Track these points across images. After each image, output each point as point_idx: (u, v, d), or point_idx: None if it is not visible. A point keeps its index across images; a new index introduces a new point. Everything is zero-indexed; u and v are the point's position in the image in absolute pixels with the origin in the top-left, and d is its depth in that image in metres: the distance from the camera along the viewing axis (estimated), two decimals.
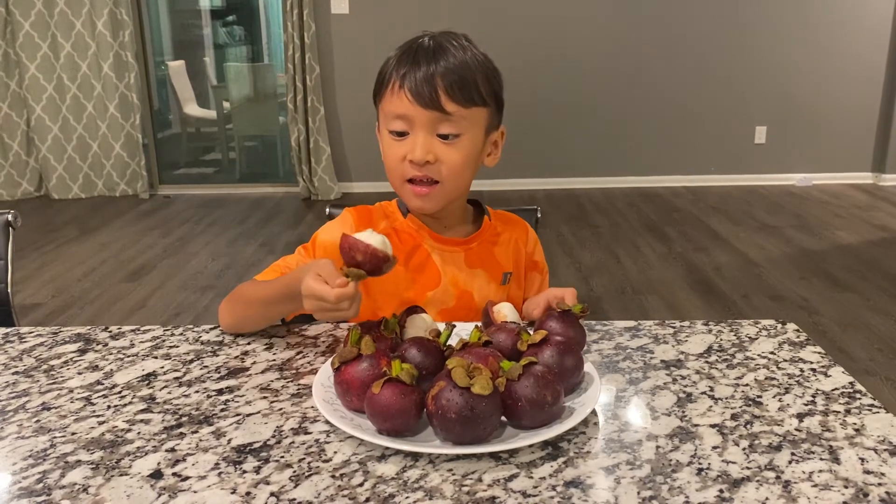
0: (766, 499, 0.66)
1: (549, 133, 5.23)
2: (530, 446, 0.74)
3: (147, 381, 0.91)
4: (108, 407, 0.85)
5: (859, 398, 0.84)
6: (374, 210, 1.18)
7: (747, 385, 0.87)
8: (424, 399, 0.74)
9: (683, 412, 0.81)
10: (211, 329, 1.07)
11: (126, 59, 5.02)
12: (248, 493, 0.68)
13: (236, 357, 0.98)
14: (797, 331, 1.03)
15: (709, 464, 0.71)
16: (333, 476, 0.70)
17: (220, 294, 1.06)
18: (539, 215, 1.39)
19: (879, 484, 0.68)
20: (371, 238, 0.86)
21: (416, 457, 0.73)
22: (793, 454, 0.73)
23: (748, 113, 5.24)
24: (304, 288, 0.88)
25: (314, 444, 0.76)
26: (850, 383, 0.88)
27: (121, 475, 0.71)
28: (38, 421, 0.82)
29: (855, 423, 0.78)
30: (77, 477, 0.71)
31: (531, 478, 0.69)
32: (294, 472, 0.71)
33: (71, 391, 0.89)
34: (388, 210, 1.18)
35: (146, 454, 0.75)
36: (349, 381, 0.79)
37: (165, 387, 0.89)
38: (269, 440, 0.77)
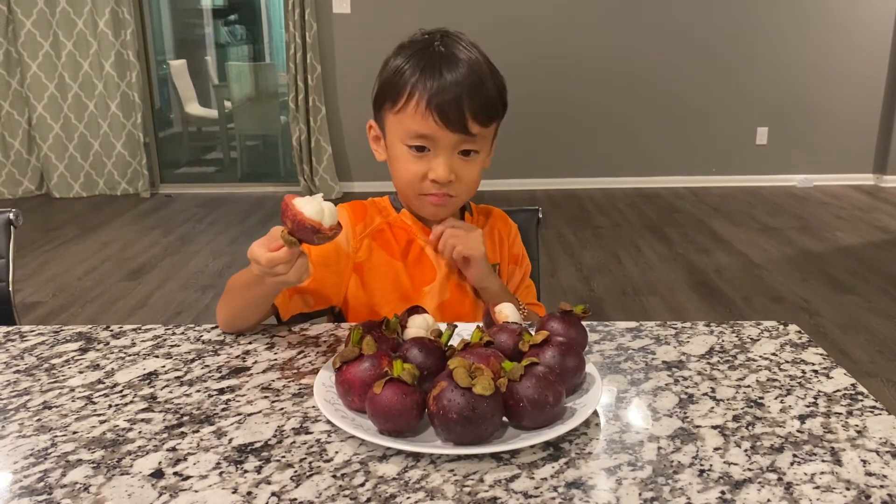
0: (768, 500, 0.66)
1: (551, 133, 5.23)
2: (532, 447, 0.74)
3: (148, 381, 0.91)
4: (110, 406, 0.85)
5: (861, 400, 0.84)
6: (369, 205, 1.18)
7: (749, 386, 0.87)
8: (426, 399, 0.74)
9: (685, 413, 0.81)
10: (212, 328, 1.07)
11: (128, 57, 5.02)
12: (249, 493, 0.68)
13: (237, 356, 0.97)
14: (799, 332, 1.03)
15: (710, 465, 0.71)
16: (334, 476, 0.70)
17: (221, 293, 1.06)
18: (540, 215, 1.39)
19: (881, 486, 0.68)
20: (307, 205, 0.83)
21: (417, 457, 0.73)
22: (795, 456, 0.73)
23: (749, 114, 5.24)
24: (248, 251, 0.90)
25: (315, 444, 0.76)
26: (852, 385, 0.88)
27: (122, 474, 0.71)
28: (39, 420, 0.82)
29: (857, 425, 0.78)
30: (78, 476, 0.71)
31: (532, 478, 0.69)
32: (295, 471, 0.71)
33: (72, 390, 0.89)
34: (381, 206, 1.18)
35: (147, 453, 0.75)
36: (350, 380, 0.79)
37: (166, 386, 0.89)
38: (270, 440, 0.77)
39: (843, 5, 5.06)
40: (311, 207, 0.83)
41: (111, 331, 1.07)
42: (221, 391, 0.88)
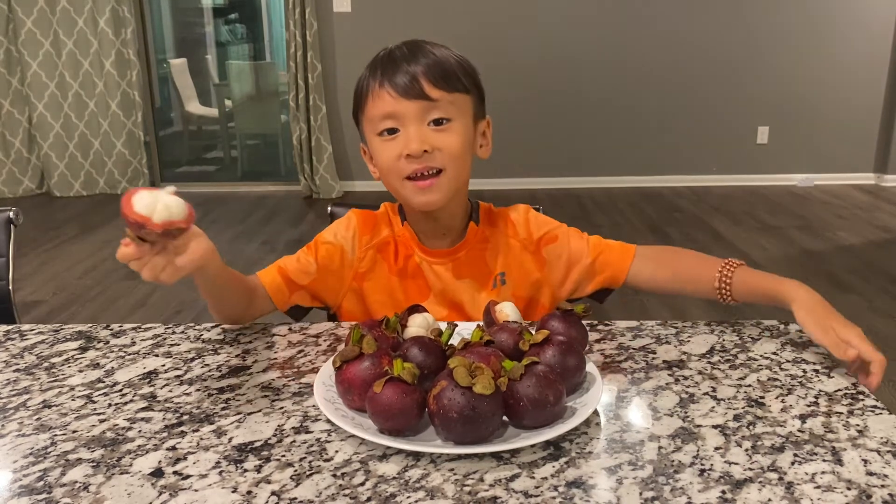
0: (769, 500, 0.66)
1: (551, 132, 5.23)
2: (532, 446, 0.74)
3: (148, 379, 0.91)
4: (109, 405, 0.85)
5: (862, 399, 0.84)
6: (380, 216, 1.15)
7: (750, 386, 0.87)
8: (426, 398, 0.74)
9: (686, 413, 0.81)
10: (212, 327, 1.06)
11: (128, 56, 5.02)
12: (249, 492, 0.68)
13: (237, 355, 0.97)
14: (800, 331, 1.03)
15: (711, 465, 0.71)
16: (335, 475, 0.70)
17: None
18: None
19: (882, 486, 0.68)
20: (141, 199, 0.77)
21: (417, 456, 0.73)
22: (795, 455, 0.72)
23: (750, 113, 5.23)
24: None
25: (315, 444, 0.76)
26: (853, 384, 0.87)
27: (121, 473, 0.71)
28: (38, 419, 0.82)
29: (858, 425, 0.78)
30: (78, 475, 0.71)
31: (533, 478, 0.69)
32: (295, 471, 0.71)
33: (72, 389, 0.89)
34: (392, 214, 1.15)
35: (147, 452, 0.74)
36: (351, 380, 0.79)
37: (166, 385, 0.89)
38: (270, 439, 0.77)
39: (844, 5, 5.05)
40: (143, 201, 0.77)
41: (111, 329, 1.07)
42: (221, 390, 0.88)
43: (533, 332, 0.86)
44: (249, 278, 1.08)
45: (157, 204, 0.77)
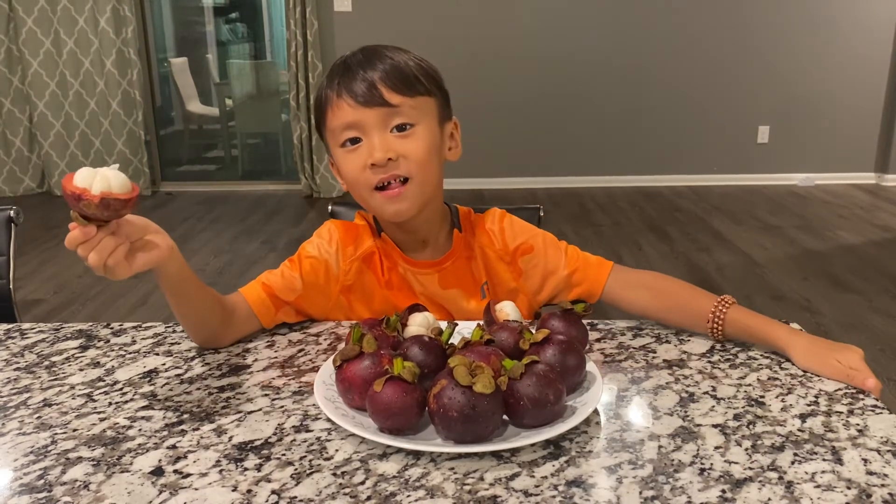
0: (769, 499, 0.66)
1: (552, 132, 5.23)
2: (532, 445, 0.74)
3: (148, 378, 0.91)
4: (110, 404, 0.85)
5: (862, 399, 0.84)
6: (361, 228, 1.12)
7: (750, 385, 0.87)
8: (426, 397, 0.74)
9: (686, 412, 0.81)
10: None
11: (129, 55, 5.02)
12: (249, 491, 0.68)
13: (238, 354, 0.97)
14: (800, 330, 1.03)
15: (711, 464, 0.71)
16: (335, 474, 0.70)
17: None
18: (541, 214, 1.39)
19: (882, 485, 0.68)
20: (80, 173, 0.77)
21: (417, 455, 0.73)
22: (795, 455, 0.73)
23: (751, 112, 5.23)
24: None
25: (315, 442, 0.76)
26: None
27: (122, 472, 0.71)
28: (39, 417, 0.82)
29: (858, 424, 0.78)
30: (78, 473, 0.71)
31: (533, 477, 0.69)
32: (295, 469, 0.71)
33: (72, 387, 0.89)
34: (368, 223, 1.13)
35: (147, 451, 0.74)
36: (351, 378, 0.79)
37: (167, 384, 0.89)
38: (270, 438, 0.77)
39: (844, 5, 5.05)
40: (81, 175, 0.77)
41: (111, 328, 1.07)
42: (222, 389, 0.88)
43: (533, 331, 0.86)
44: (227, 297, 1.02)
45: (95, 176, 0.77)
